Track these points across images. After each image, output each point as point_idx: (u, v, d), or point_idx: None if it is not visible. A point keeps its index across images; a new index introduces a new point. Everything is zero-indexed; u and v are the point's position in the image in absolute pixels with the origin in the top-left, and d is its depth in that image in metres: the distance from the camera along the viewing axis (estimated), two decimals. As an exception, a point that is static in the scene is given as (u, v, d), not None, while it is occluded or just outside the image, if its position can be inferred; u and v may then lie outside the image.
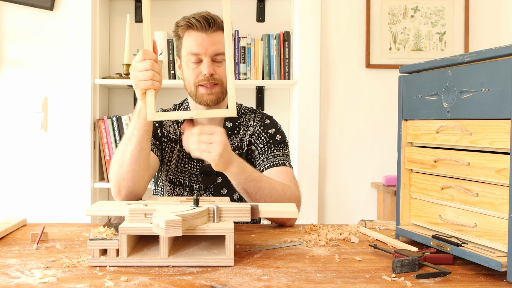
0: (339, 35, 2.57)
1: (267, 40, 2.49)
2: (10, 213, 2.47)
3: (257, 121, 1.53)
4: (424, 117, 1.01)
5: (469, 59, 0.89)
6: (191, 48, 1.39)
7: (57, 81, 2.50)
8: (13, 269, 0.86)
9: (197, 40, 1.39)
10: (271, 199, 1.27)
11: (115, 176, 1.29)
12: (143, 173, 1.28)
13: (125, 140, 1.26)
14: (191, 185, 1.47)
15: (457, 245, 0.89)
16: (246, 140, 1.50)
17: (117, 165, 1.28)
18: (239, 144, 1.50)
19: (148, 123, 1.23)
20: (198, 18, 1.38)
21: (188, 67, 1.42)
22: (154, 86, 1.14)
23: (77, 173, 2.44)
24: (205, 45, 1.38)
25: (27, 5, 2.46)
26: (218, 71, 1.41)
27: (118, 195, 1.31)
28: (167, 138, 1.49)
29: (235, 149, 1.49)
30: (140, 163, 1.26)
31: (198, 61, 1.40)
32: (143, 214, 0.92)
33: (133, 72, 1.16)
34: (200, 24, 1.38)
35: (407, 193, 1.08)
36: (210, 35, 1.39)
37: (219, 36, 1.40)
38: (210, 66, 1.38)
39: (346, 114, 2.58)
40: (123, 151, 1.26)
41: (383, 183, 2.44)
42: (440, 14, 2.57)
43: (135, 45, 2.65)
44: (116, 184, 1.29)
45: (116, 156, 1.29)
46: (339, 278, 0.83)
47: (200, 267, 0.88)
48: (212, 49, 1.38)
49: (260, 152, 1.47)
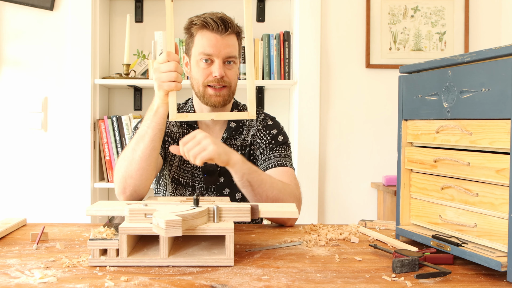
0: (339, 35, 2.57)
1: (267, 40, 2.49)
2: (10, 213, 2.47)
3: (259, 121, 1.53)
4: (424, 117, 1.01)
5: (469, 59, 0.89)
6: (204, 48, 1.39)
7: (57, 81, 2.50)
8: (13, 269, 0.86)
9: (211, 41, 1.38)
10: (272, 193, 1.28)
11: (123, 173, 1.28)
12: (151, 173, 1.29)
13: (137, 138, 1.27)
14: (194, 185, 1.47)
15: (457, 245, 0.89)
16: (248, 141, 1.50)
17: (127, 162, 1.28)
18: (241, 144, 1.50)
19: (163, 122, 1.26)
20: (214, 19, 1.38)
21: (199, 66, 1.41)
22: (178, 88, 1.19)
23: (77, 173, 2.44)
24: (219, 47, 1.38)
25: (27, 5, 2.45)
26: (228, 74, 1.41)
27: (123, 193, 1.30)
28: (171, 137, 1.49)
29: (237, 149, 1.49)
30: (150, 162, 1.27)
31: (210, 61, 1.40)
32: (143, 214, 0.92)
33: (156, 73, 1.19)
34: (217, 26, 1.37)
35: (407, 193, 1.08)
36: (225, 38, 1.39)
37: (233, 40, 1.41)
38: (221, 68, 1.38)
39: (346, 114, 2.58)
40: (134, 148, 1.27)
41: (383, 183, 2.44)
42: (440, 14, 2.57)
43: (135, 45, 2.65)
44: (123, 182, 1.28)
45: (125, 154, 1.29)
46: (339, 278, 0.83)
47: (200, 267, 0.88)
48: (225, 51, 1.38)
49: (262, 152, 1.47)
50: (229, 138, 1.48)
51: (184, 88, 2.57)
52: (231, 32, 1.39)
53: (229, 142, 1.49)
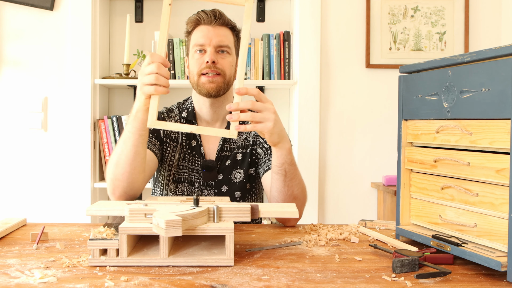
0: (339, 35, 2.57)
1: (267, 40, 2.49)
2: (10, 213, 2.47)
3: None
4: (424, 117, 1.01)
5: (469, 59, 0.89)
6: (197, 40, 1.44)
7: (57, 81, 2.50)
8: (13, 269, 0.86)
9: (203, 32, 1.43)
10: (297, 190, 1.29)
11: (110, 176, 1.29)
12: (138, 176, 1.28)
13: (120, 142, 1.26)
14: (191, 180, 1.48)
15: (457, 245, 0.89)
16: (250, 140, 1.51)
17: (113, 165, 1.28)
18: (243, 143, 1.50)
19: (143, 127, 1.20)
20: (206, 11, 1.44)
21: (193, 58, 1.45)
22: (158, 92, 1.10)
23: (77, 173, 2.44)
24: (210, 36, 1.42)
25: (27, 5, 2.45)
26: (221, 62, 1.43)
27: (113, 194, 1.31)
28: (169, 138, 1.49)
29: (238, 148, 1.49)
30: (134, 166, 1.25)
31: (203, 51, 1.43)
32: (143, 214, 0.92)
33: (139, 76, 1.14)
34: (207, 17, 1.43)
35: (407, 193, 1.08)
36: (216, 28, 1.43)
37: (225, 31, 1.45)
38: (213, 54, 1.41)
39: (346, 114, 2.58)
40: (119, 152, 1.26)
41: (383, 183, 2.44)
42: (440, 14, 2.57)
43: (135, 45, 2.65)
44: (111, 184, 1.29)
45: (112, 156, 1.29)
46: (339, 278, 0.83)
47: (200, 267, 0.88)
48: (216, 39, 1.42)
49: (266, 152, 1.47)
50: None
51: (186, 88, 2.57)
52: (222, 24, 1.44)
53: (230, 140, 1.49)
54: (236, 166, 1.49)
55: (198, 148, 1.49)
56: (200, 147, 1.48)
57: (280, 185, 1.27)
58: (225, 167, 1.48)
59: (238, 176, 1.48)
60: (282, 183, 1.27)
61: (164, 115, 1.52)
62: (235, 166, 1.49)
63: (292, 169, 1.26)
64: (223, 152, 1.49)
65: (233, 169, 1.48)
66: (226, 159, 1.48)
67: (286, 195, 1.28)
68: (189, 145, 1.49)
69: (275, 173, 1.27)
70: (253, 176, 1.51)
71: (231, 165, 1.48)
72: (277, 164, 1.25)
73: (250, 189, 1.52)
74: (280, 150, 1.22)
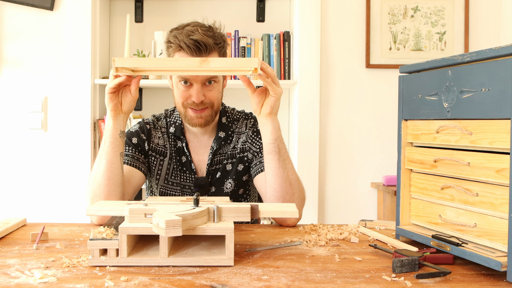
0: (339, 35, 2.57)
1: (267, 40, 2.49)
2: (10, 213, 2.47)
3: (249, 127, 1.49)
4: (424, 117, 1.01)
5: (469, 59, 0.89)
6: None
7: (57, 81, 2.50)
8: (13, 269, 0.86)
9: None
10: (293, 176, 1.29)
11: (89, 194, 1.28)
12: (115, 188, 1.25)
13: (96, 160, 1.27)
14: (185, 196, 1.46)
15: (457, 245, 0.89)
16: (238, 148, 1.48)
17: (90, 183, 1.28)
18: (231, 152, 1.48)
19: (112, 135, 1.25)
20: (188, 43, 1.30)
21: (178, 88, 1.38)
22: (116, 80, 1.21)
23: (77, 173, 2.44)
24: None
25: (27, 5, 2.46)
26: (209, 95, 1.37)
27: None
28: (155, 151, 1.46)
29: (227, 158, 1.47)
30: (109, 177, 1.24)
31: (189, 83, 1.35)
32: (143, 214, 0.92)
33: None
34: (190, 50, 1.31)
35: (407, 193, 1.08)
36: None
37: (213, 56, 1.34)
38: (200, 92, 1.34)
39: (346, 114, 2.58)
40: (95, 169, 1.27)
41: (383, 183, 2.44)
42: (440, 14, 2.57)
43: (135, 45, 2.65)
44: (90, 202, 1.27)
45: (89, 178, 1.30)
46: (339, 278, 0.83)
47: (200, 267, 0.88)
48: (203, 75, 1.33)
49: (256, 155, 1.44)
50: (219, 148, 1.47)
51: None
52: (209, 53, 1.33)
53: (219, 151, 1.47)
54: (227, 177, 1.47)
55: (188, 164, 1.46)
56: (191, 163, 1.45)
57: (275, 165, 1.26)
58: (216, 180, 1.46)
59: (229, 186, 1.46)
60: (277, 163, 1.26)
61: (151, 125, 1.48)
62: (226, 177, 1.47)
63: (284, 147, 1.28)
64: (213, 165, 1.46)
65: (224, 180, 1.47)
66: (216, 172, 1.47)
67: (282, 178, 1.26)
68: (179, 161, 1.46)
69: (269, 152, 1.26)
70: (245, 181, 1.50)
71: (221, 177, 1.46)
72: (271, 140, 1.26)
73: (242, 194, 1.51)
74: (274, 122, 1.27)
